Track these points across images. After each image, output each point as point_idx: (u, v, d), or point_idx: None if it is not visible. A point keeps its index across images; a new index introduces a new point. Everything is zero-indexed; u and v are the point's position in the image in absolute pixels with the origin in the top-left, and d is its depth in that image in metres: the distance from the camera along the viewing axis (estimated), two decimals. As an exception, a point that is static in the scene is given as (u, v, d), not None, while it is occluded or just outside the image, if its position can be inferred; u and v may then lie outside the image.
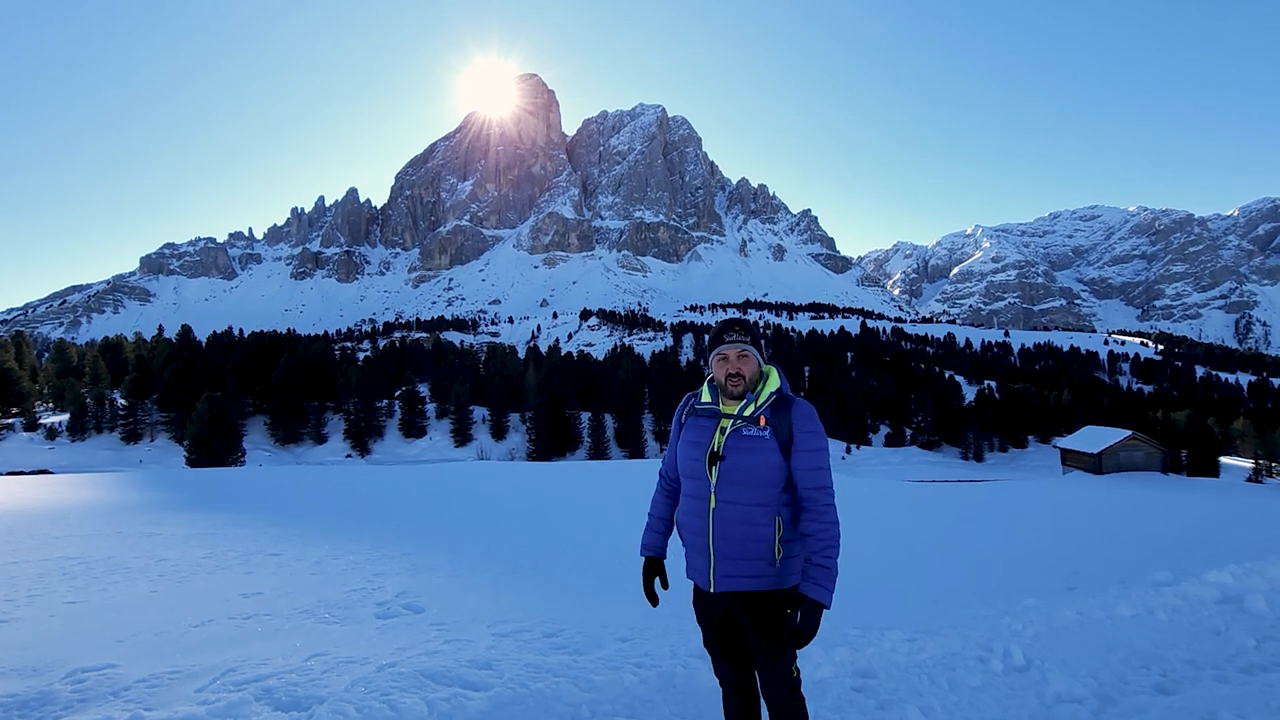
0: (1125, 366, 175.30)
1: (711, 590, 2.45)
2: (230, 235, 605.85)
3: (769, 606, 2.38)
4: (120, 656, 3.89)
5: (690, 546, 2.52)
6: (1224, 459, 62.77)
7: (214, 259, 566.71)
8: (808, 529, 2.33)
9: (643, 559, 2.70)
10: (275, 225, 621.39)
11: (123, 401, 62.19)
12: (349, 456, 61.56)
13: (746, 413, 2.41)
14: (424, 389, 79.88)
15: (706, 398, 2.54)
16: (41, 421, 60.19)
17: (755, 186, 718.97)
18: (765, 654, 2.41)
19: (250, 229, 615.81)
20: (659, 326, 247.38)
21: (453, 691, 3.39)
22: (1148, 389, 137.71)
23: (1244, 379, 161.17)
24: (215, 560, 6.97)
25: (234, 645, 4.18)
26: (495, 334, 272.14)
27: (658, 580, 2.68)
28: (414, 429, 67.71)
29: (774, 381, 2.47)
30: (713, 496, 2.41)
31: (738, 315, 2.60)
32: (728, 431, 2.42)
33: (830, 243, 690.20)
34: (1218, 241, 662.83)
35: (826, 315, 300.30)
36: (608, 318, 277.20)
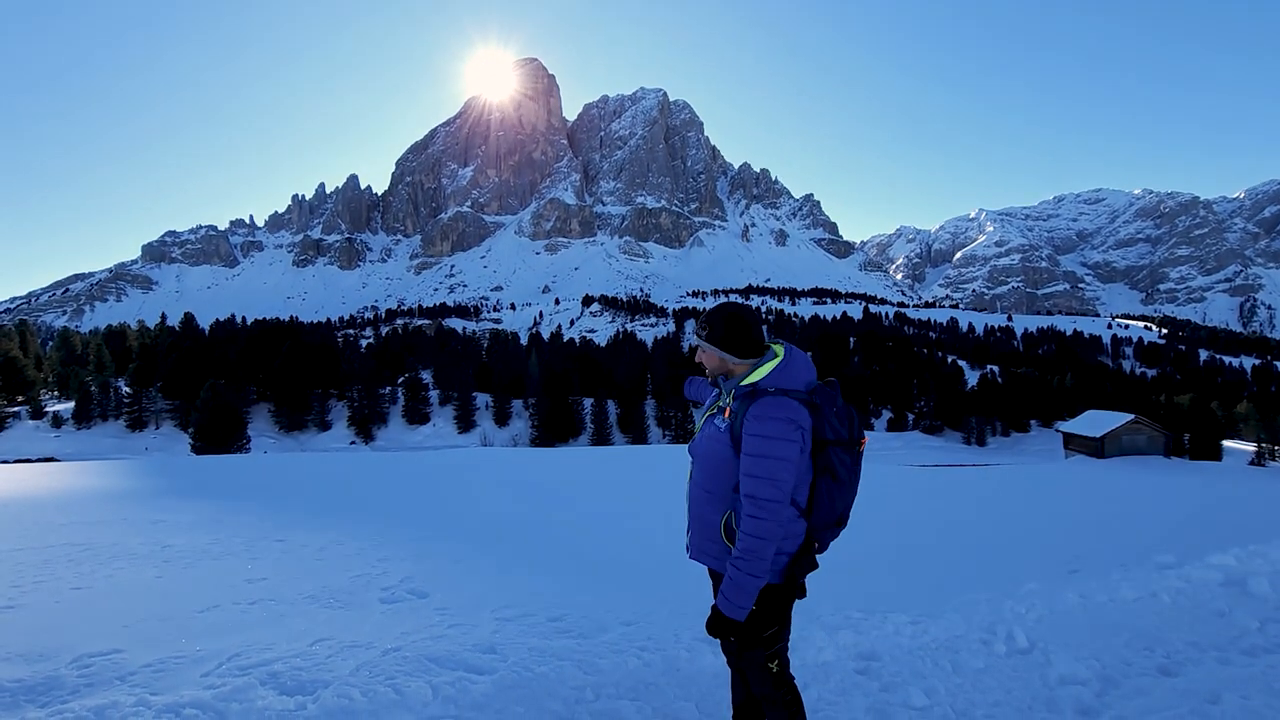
0: (1128, 350, 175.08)
1: (689, 556, 2.50)
2: (231, 223, 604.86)
3: None
4: (126, 642, 3.92)
5: None
6: (1227, 442, 62.72)
7: (215, 247, 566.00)
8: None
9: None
10: (276, 213, 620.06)
11: (127, 389, 62.34)
12: (353, 444, 61.76)
13: (721, 402, 2.40)
14: (427, 376, 79.96)
15: None
16: (47, 409, 60.46)
17: (757, 171, 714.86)
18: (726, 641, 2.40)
19: (251, 216, 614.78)
20: (661, 312, 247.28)
21: (457, 675, 3.41)
22: (1151, 373, 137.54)
23: (1248, 362, 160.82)
24: (220, 546, 7.00)
25: (239, 630, 4.20)
26: (497, 320, 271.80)
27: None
28: (417, 416, 67.87)
29: (759, 372, 2.30)
30: (690, 472, 2.50)
31: (723, 304, 2.49)
32: (709, 415, 2.45)
33: (833, 227, 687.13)
34: (1223, 224, 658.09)
35: (829, 300, 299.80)
36: (610, 304, 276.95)
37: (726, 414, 2.32)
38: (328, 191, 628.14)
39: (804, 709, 2.49)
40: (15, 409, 58.82)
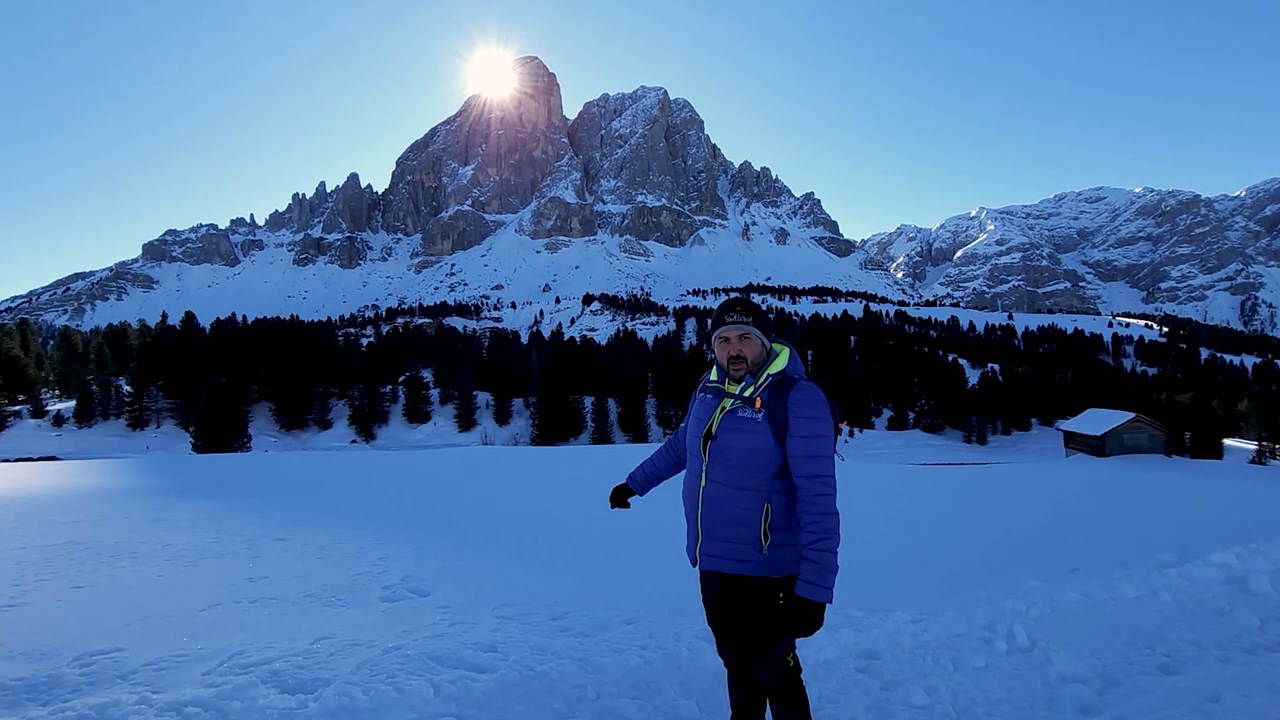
0: (1129, 349, 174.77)
1: (696, 567, 2.48)
2: (232, 221, 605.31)
3: (756, 593, 2.35)
4: (128, 640, 3.92)
5: (687, 522, 2.53)
6: (1228, 441, 62.74)
7: (216, 245, 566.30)
8: (801, 520, 2.28)
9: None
10: (277, 211, 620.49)
11: (128, 388, 62.46)
12: (354, 442, 61.84)
13: (746, 393, 2.37)
14: (428, 375, 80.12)
15: (714, 376, 2.53)
16: (48, 408, 60.57)
17: (758, 170, 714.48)
18: (754, 640, 2.38)
19: (252, 215, 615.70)
20: (662, 311, 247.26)
21: (458, 674, 3.41)
22: (1152, 371, 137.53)
23: (1249, 361, 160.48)
24: (221, 545, 7.00)
25: (240, 629, 4.20)
26: (498, 319, 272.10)
27: (622, 497, 2.96)
28: (418, 415, 67.98)
29: (779, 362, 2.41)
30: (704, 475, 2.42)
31: (739, 296, 2.50)
32: (725, 411, 2.40)
33: (833, 226, 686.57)
34: (1224, 223, 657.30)
35: (829, 299, 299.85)
36: (610, 302, 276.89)
37: (758, 404, 2.33)
38: (328, 190, 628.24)
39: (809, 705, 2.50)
40: (16, 408, 58.89)
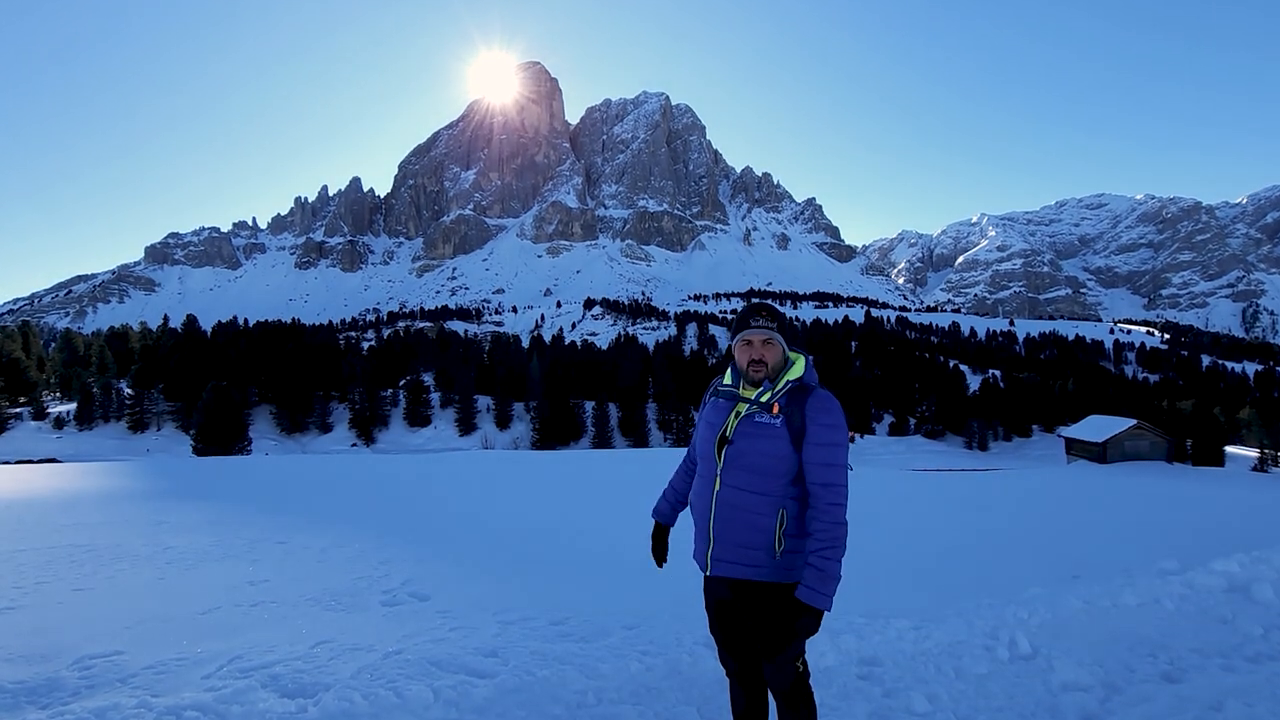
0: (1131, 355, 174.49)
1: (707, 573, 2.46)
2: (234, 225, 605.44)
3: (768, 598, 2.35)
4: (127, 643, 3.91)
5: (695, 527, 2.52)
6: (1229, 448, 62.50)
7: (218, 249, 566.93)
8: (810, 526, 2.28)
9: (652, 523, 2.85)
10: (279, 215, 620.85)
11: (129, 391, 62.42)
12: (354, 446, 61.80)
13: (763, 399, 2.37)
14: (428, 378, 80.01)
15: (728, 380, 2.52)
16: (49, 410, 60.58)
17: (759, 175, 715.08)
18: (765, 645, 2.37)
19: (254, 218, 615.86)
20: (663, 316, 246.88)
21: (459, 679, 3.40)
22: (1153, 378, 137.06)
23: (1250, 368, 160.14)
24: (222, 548, 7.00)
25: (240, 632, 4.19)
26: (499, 323, 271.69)
27: (662, 541, 2.81)
28: (419, 418, 67.91)
29: (797, 370, 2.41)
30: (718, 480, 2.40)
31: (764, 301, 2.52)
32: (741, 415, 2.39)
33: (835, 231, 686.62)
34: (1225, 230, 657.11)
35: (831, 304, 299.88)
36: (611, 307, 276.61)
37: (775, 410, 2.34)
38: (330, 194, 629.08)
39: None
40: (17, 410, 58.91)
